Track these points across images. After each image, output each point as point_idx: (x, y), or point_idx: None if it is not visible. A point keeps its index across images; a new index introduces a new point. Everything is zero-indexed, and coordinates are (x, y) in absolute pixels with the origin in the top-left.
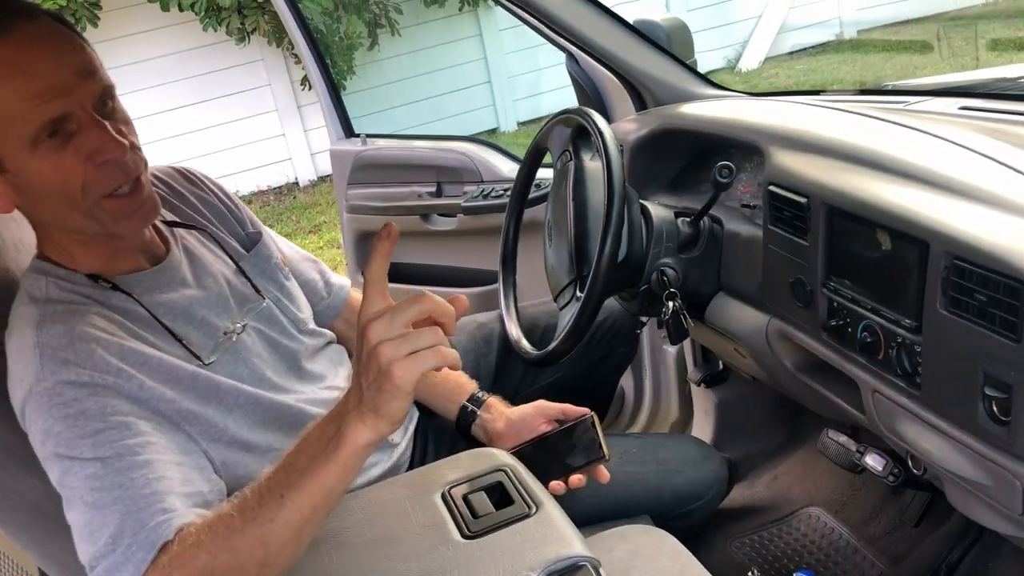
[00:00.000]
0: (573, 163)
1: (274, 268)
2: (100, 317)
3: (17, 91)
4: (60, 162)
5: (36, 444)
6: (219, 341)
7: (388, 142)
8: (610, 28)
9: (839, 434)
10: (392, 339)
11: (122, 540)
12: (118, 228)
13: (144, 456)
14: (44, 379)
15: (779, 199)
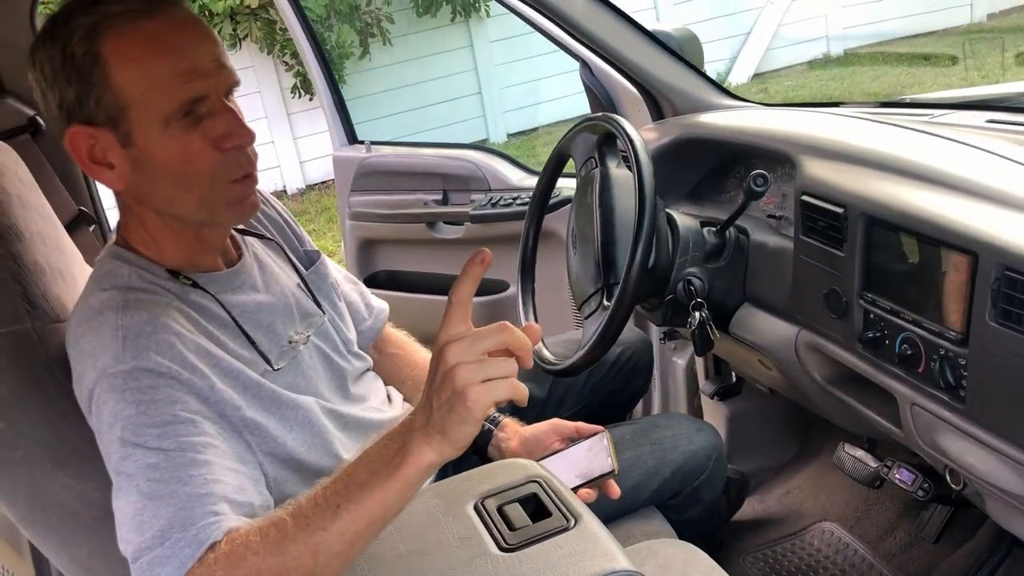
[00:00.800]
0: (599, 170)
1: (329, 287)
2: (179, 313)
3: (167, 67)
4: (188, 143)
5: (102, 426)
6: (284, 349)
7: (393, 149)
8: (630, 36)
9: (855, 448)
10: (470, 363)
11: (171, 535)
12: (227, 216)
13: (205, 456)
14: (123, 361)
15: (813, 209)
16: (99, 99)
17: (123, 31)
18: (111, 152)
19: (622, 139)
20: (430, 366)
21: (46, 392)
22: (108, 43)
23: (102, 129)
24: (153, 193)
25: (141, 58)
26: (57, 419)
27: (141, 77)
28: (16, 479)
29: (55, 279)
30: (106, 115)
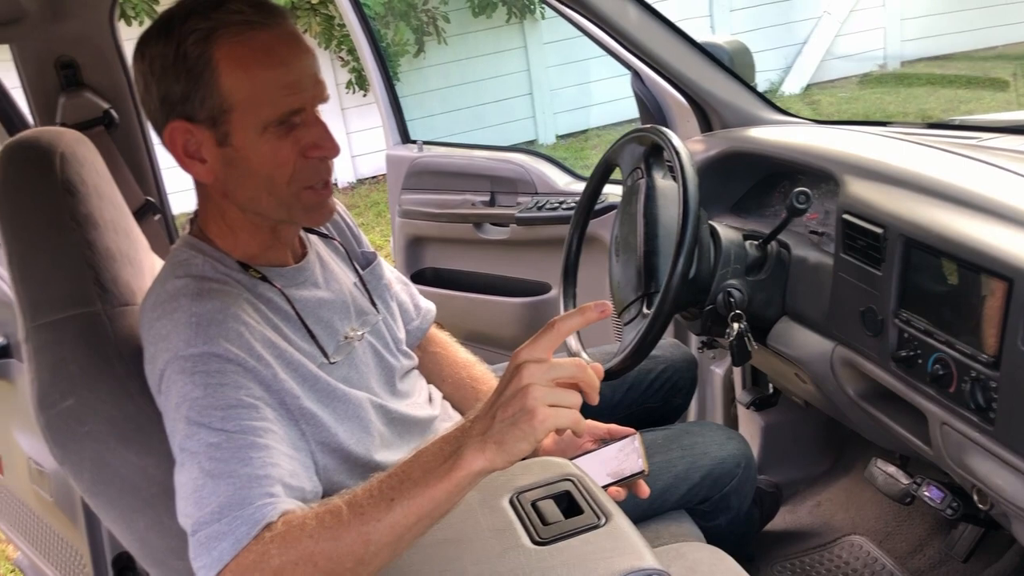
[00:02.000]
0: (644, 181)
1: (383, 288)
2: (248, 304)
3: (275, 78)
4: (279, 149)
5: (169, 406)
6: (340, 344)
7: (444, 150)
8: (681, 48)
9: (888, 464)
10: (543, 386)
11: (228, 512)
12: (304, 218)
13: (264, 440)
14: (194, 346)
15: (853, 228)
16: (204, 99)
17: (237, 39)
18: (205, 148)
19: (668, 151)
20: (502, 379)
21: (114, 372)
22: (222, 48)
23: (200, 127)
24: (239, 191)
25: (251, 66)
26: (123, 398)
27: (248, 84)
28: (82, 453)
29: (124, 265)
30: (208, 115)
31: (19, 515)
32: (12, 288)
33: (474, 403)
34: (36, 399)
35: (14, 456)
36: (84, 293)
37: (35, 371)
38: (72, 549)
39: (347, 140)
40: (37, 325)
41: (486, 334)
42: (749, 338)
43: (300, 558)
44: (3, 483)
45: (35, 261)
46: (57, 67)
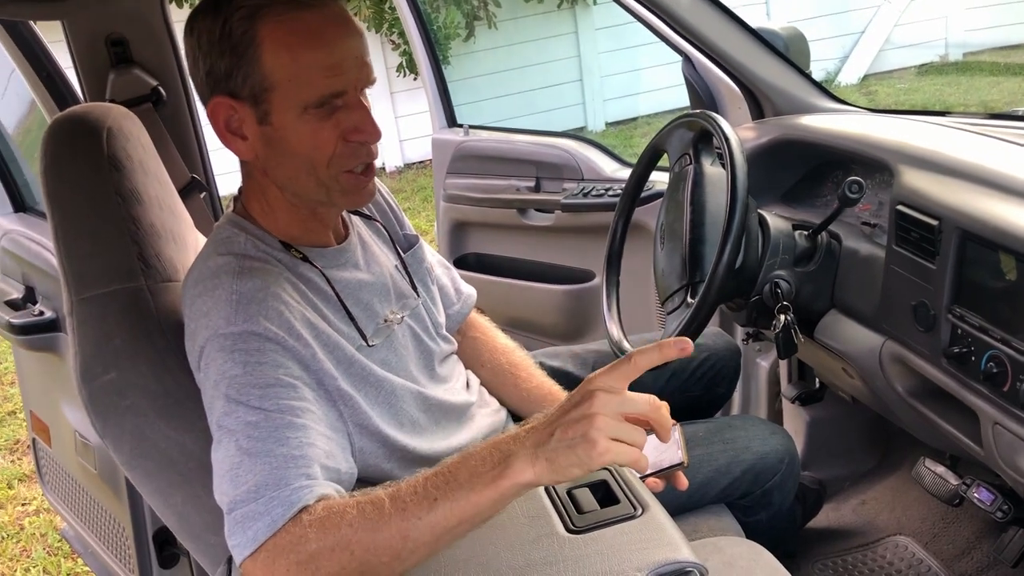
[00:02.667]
0: (692, 167)
1: (424, 271)
2: (288, 283)
3: (317, 59)
4: (320, 131)
5: (208, 383)
6: (379, 327)
7: (490, 134)
8: (735, 33)
9: (936, 464)
10: (611, 417)
11: (265, 492)
12: (343, 201)
13: (302, 420)
14: (234, 324)
15: (907, 220)
16: (247, 77)
17: (282, 18)
18: (247, 125)
19: (718, 137)
20: (569, 399)
21: (155, 347)
22: (266, 26)
23: (243, 103)
24: (279, 170)
25: (294, 46)
26: (164, 373)
27: (290, 64)
28: (123, 426)
29: (168, 241)
30: (250, 92)
31: (66, 487)
32: (57, 261)
33: (512, 389)
34: (79, 372)
35: (62, 428)
36: (128, 268)
37: (78, 344)
38: (115, 522)
39: (395, 124)
40: (81, 299)
41: (528, 321)
42: (796, 330)
43: (337, 545)
44: (52, 455)
45: (80, 235)
46: (107, 44)
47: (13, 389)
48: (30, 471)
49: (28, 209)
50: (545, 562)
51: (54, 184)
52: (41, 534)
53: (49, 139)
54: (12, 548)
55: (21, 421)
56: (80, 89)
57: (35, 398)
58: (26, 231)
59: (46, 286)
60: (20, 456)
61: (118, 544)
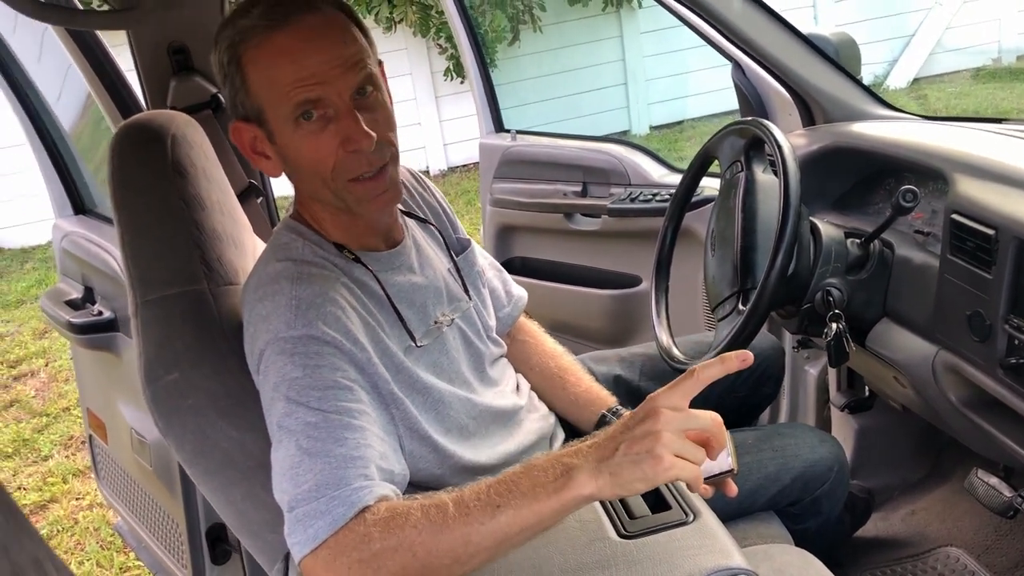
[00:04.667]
0: (744, 174)
1: (476, 274)
2: (345, 288)
3: (286, 76)
4: (318, 143)
5: (268, 385)
6: (430, 328)
7: (537, 139)
8: (786, 38)
9: (989, 475)
10: (675, 434)
11: (325, 491)
12: (360, 209)
13: (359, 422)
14: (294, 328)
15: (962, 229)
16: (243, 101)
17: (256, 43)
18: (264, 145)
19: (770, 144)
20: (633, 415)
21: (217, 348)
22: (246, 53)
23: (253, 125)
24: (299, 183)
25: (268, 67)
26: (225, 374)
27: (268, 83)
28: (185, 425)
29: (229, 245)
30: (252, 114)
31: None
32: (123, 264)
33: (560, 392)
34: (143, 372)
35: (118, 426)
36: (191, 271)
37: (143, 345)
38: (169, 518)
39: (440, 128)
40: (146, 301)
41: (573, 325)
42: (847, 339)
43: (400, 545)
44: (107, 451)
45: (145, 239)
46: (169, 52)
47: (68, 386)
48: (85, 466)
49: (87, 211)
50: (597, 566)
51: (121, 189)
52: (95, 528)
53: (116, 145)
54: (67, 541)
55: (76, 417)
56: (142, 96)
57: (92, 396)
58: (86, 232)
59: (104, 287)
60: (75, 451)
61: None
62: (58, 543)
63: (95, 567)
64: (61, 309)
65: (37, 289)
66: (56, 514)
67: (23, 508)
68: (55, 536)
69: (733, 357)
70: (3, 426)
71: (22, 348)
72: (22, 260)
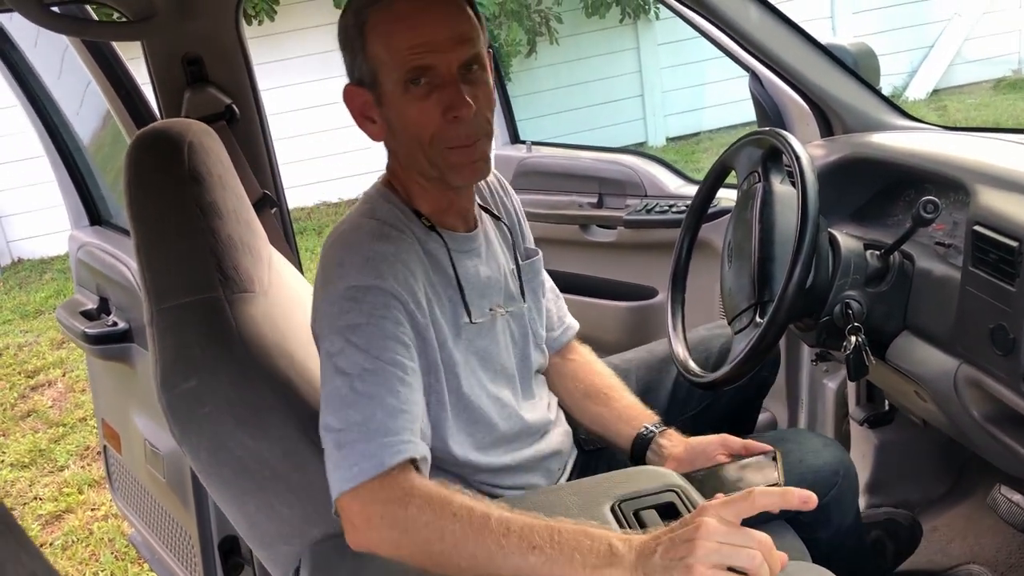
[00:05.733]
0: (761, 185)
1: (538, 284)
2: (417, 256)
3: (403, 41)
4: (422, 109)
5: (330, 327)
6: (485, 312)
7: (552, 150)
8: (804, 49)
9: (1013, 491)
10: (714, 547)
11: (375, 436)
12: (451, 176)
13: (410, 379)
14: (367, 277)
15: (985, 240)
16: (360, 64)
17: (380, 8)
18: (372, 109)
19: (788, 155)
20: (683, 520)
21: (234, 356)
22: (370, 19)
23: (365, 89)
24: (399, 148)
25: (388, 31)
26: (242, 382)
27: (385, 47)
28: (201, 434)
29: (244, 254)
30: (366, 78)
31: (135, 494)
32: (139, 272)
33: (604, 409)
34: (159, 380)
35: (132, 436)
36: (207, 279)
37: (159, 352)
38: (181, 530)
39: None
40: (162, 308)
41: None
42: (867, 352)
43: (433, 523)
44: (122, 462)
45: (162, 246)
46: (184, 63)
47: (84, 396)
48: (100, 477)
49: (103, 222)
50: None
51: (137, 196)
52: (109, 539)
53: (133, 153)
54: (81, 552)
55: (91, 428)
56: (157, 107)
57: (107, 406)
58: (101, 243)
59: (120, 297)
60: (90, 462)
61: (184, 551)
62: (73, 553)
63: None
64: (76, 320)
65: (55, 300)
66: (71, 524)
67: (39, 519)
68: (70, 547)
69: (796, 496)
70: (20, 436)
71: (40, 358)
72: (41, 271)
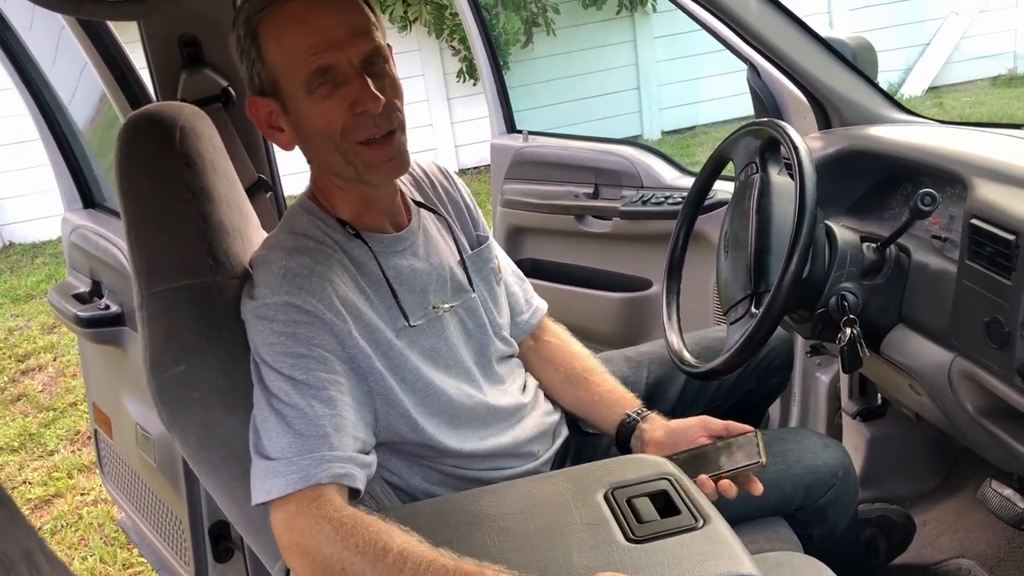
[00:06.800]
0: (759, 176)
1: (490, 271)
2: (339, 265)
3: (299, 42)
4: (328, 108)
5: (252, 347)
6: (427, 311)
7: (549, 140)
8: (803, 41)
9: (1004, 486)
10: None
11: (286, 455)
12: (369, 175)
13: (329, 392)
14: (276, 295)
15: (982, 234)
16: (259, 73)
17: (270, 13)
18: (278, 117)
19: (786, 146)
20: None
21: (224, 341)
22: (261, 25)
23: (268, 98)
24: (312, 153)
25: (282, 35)
26: (231, 367)
27: (282, 51)
28: (190, 418)
29: (236, 239)
30: (268, 86)
31: (125, 478)
32: (129, 256)
33: (584, 393)
34: (148, 364)
35: (123, 421)
36: (198, 264)
37: (148, 337)
38: (172, 514)
39: (451, 130)
40: (152, 293)
41: (583, 328)
42: (862, 345)
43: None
44: (112, 446)
45: (152, 230)
46: (180, 44)
47: (75, 381)
48: (90, 461)
49: (97, 205)
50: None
51: (128, 180)
52: (99, 524)
53: (124, 136)
54: (70, 537)
55: (82, 412)
56: (153, 88)
57: (98, 390)
58: (95, 226)
59: (112, 281)
60: (80, 446)
61: (174, 536)
62: (62, 538)
63: (98, 563)
64: (68, 303)
65: (47, 284)
66: (60, 509)
67: (28, 503)
68: (59, 531)
69: None
70: (10, 420)
71: (30, 342)
72: (33, 255)
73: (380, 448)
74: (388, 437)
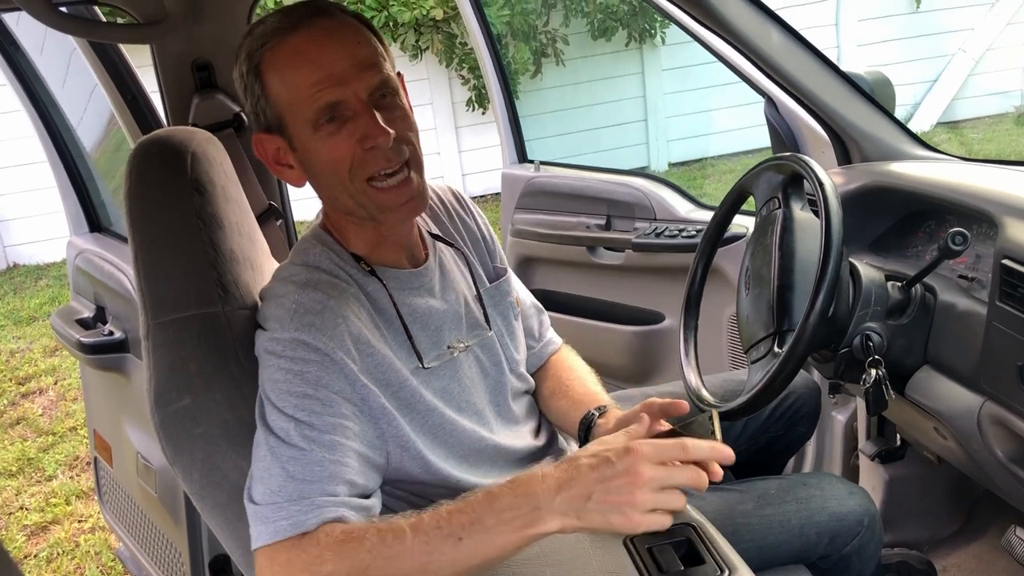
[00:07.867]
0: (781, 211)
1: (508, 305)
2: (354, 300)
3: (304, 78)
4: (335, 144)
5: (260, 382)
6: (441, 352)
7: (560, 170)
8: (824, 75)
9: None
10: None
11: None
12: (383, 217)
13: (331, 437)
14: (287, 331)
15: (1013, 274)
16: (264, 110)
17: (273, 48)
18: (286, 154)
19: (811, 181)
20: (607, 462)
21: (231, 374)
22: (264, 62)
23: (275, 135)
24: (321, 190)
25: (285, 71)
26: (238, 401)
27: (286, 88)
28: (194, 454)
29: (246, 268)
30: (273, 123)
31: (124, 507)
32: (135, 283)
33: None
34: (152, 396)
35: (124, 449)
36: (206, 293)
37: (154, 368)
38: (172, 546)
39: (459, 158)
40: (159, 322)
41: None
42: (887, 386)
43: (354, 568)
44: (112, 475)
45: (161, 258)
46: (193, 69)
47: (76, 405)
48: (88, 488)
49: (103, 229)
50: None
51: (137, 205)
52: (96, 552)
53: (134, 161)
54: (66, 565)
55: (82, 438)
56: (164, 113)
57: (99, 417)
58: (100, 251)
59: (117, 306)
60: (79, 472)
61: (174, 569)
62: (58, 566)
63: None
64: (71, 327)
65: (50, 307)
66: (57, 536)
67: (24, 529)
68: (55, 559)
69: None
70: (8, 444)
71: (32, 365)
72: (37, 276)
73: (390, 486)
74: (399, 476)
